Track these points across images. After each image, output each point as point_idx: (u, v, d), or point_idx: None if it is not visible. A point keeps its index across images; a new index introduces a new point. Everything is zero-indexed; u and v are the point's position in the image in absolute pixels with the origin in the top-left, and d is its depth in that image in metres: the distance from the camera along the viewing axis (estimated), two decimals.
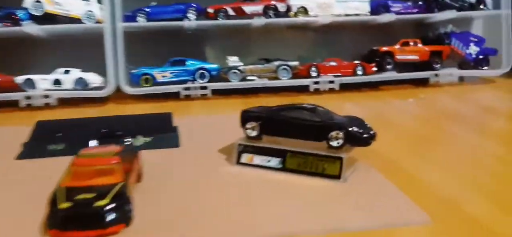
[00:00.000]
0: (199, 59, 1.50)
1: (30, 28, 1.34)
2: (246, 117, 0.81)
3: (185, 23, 1.44)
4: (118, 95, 1.43)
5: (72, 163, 0.66)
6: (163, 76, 1.44)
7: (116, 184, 0.61)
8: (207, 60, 1.54)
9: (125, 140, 0.93)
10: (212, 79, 1.46)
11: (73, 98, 1.39)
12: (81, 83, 1.39)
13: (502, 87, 1.65)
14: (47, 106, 1.37)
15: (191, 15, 1.45)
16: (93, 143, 0.90)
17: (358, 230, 0.58)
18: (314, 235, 0.58)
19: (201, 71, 1.45)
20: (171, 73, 1.44)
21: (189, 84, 1.44)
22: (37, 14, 1.36)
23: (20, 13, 1.35)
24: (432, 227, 0.58)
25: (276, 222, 0.61)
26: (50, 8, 1.35)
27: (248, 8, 1.48)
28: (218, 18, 1.47)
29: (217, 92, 1.47)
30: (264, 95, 1.49)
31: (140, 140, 0.95)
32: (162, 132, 0.99)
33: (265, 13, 1.49)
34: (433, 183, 0.74)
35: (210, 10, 1.48)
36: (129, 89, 1.40)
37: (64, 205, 0.58)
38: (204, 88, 1.44)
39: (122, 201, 0.59)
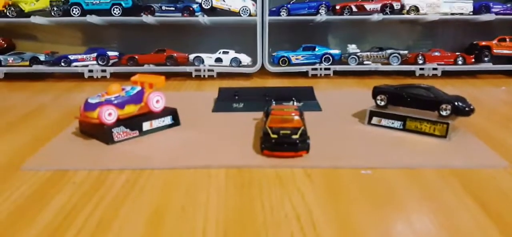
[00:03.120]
0: (325, 46, 1.85)
1: (201, 18, 1.77)
2: (377, 91, 1.13)
3: (317, 17, 1.78)
4: (261, 72, 1.81)
5: (272, 112, 1.03)
6: (297, 59, 1.80)
7: (300, 127, 0.97)
8: (331, 47, 1.87)
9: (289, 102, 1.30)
10: (335, 62, 1.80)
11: (229, 72, 1.80)
12: (236, 61, 1.79)
13: None
14: (210, 77, 1.79)
15: (322, 10, 1.79)
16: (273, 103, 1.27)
17: (457, 168, 0.89)
18: (427, 168, 0.90)
19: (326, 55, 1.79)
20: (303, 56, 1.80)
21: (316, 66, 1.79)
22: (206, 7, 1.77)
23: (194, 6, 1.77)
24: (510, 170, 0.88)
25: (400, 158, 0.93)
26: (217, 4, 1.76)
27: (368, 6, 1.78)
28: (344, 14, 1.79)
29: (338, 73, 1.80)
30: (377, 77, 1.80)
31: (291, 103, 1.30)
32: (307, 99, 1.35)
33: (382, 10, 1.79)
34: None
35: (338, 7, 1.80)
36: (271, 68, 1.79)
37: (274, 136, 0.95)
38: (328, 69, 1.79)
39: (305, 137, 0.95)
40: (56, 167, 0.91)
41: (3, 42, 1.87)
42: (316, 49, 1.80)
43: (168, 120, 1.14)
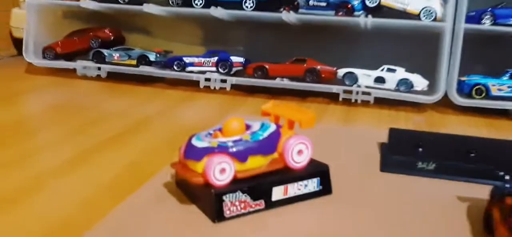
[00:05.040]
0: None
1: (362, 19, 1.30)
2: None
3: None
4: (441, 104, 1.29)
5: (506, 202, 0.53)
6: (499, 89, 1.24)
7: None
8: None
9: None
10: None
11: (393, 99, 1.31)
12: (405, 84, 1.29)
13: None
14: (363, 103, 1.32)
15: None
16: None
17: None
18: None
19: None
20: (509, 87, 1.24)
21: None
22: (371, 5, 1.31)
23: (355, 2, 1.32)
24: None
25: None
26: (388, 1, 1.28)
27: None
28: None
29: None
30: None
31: None
32: None
33: None
34: None
35: None
36: (460, 100, 1.25)
37: None
38: None
39: None
40: None
41: (110, 34, 1.60)
42: None
43: (312, 184, 0.70)
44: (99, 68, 1.52)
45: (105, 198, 0.69)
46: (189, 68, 1.45)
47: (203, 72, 1.44)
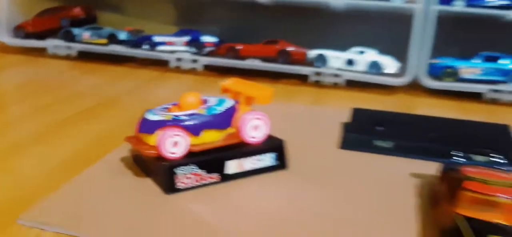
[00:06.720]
0: None
1: (334, 1, 1.32)
2: None
3: (511, 13, 1.24)
4: (412, 87, 1.32)
5: (465, 184, 0.57)
6: (470, 72, 1.28)
7: None
8: None
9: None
10: None
11: (363, 81, 1.34)
12: (375, 67, 1.32)
13: None
14: (335, 86, 1.35)
15: None
16: (457, 155, 0.81)
17: None
18: None
19: None
20: (480, 69, 1.27)
21: (499, 86, 1.25)
22: None
23: None
24: None
25: None
26: None
27: None
28: None
29: None
30: None
31: (478, 158, 0.81)
32: (498, 150, 0.84)
33: None
34: None
35: None
36: (430, 83, 1.28)
37: None
38: None
39: None
40: (70, 230, 0.55)
41: (81, 12, 1.61)
42: (504, 61, 1.26)
43: (268, 159, 0.73)
44: (69, 47, 1.52)
45: (65, 171, 0.71)
46: (160, 48, 1.46)
47: (174, 52, 1.45)
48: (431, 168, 0.73)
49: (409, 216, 0.62)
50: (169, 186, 0.65)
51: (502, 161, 0.78)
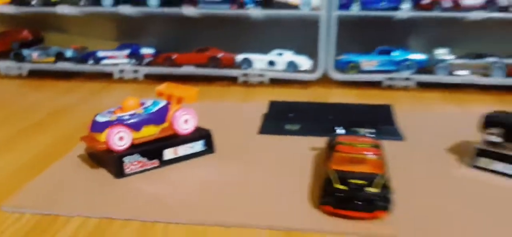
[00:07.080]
0: (406, 49, 1.56)
1: (253, 11, 1.53)
2: (490, 121, 0.85)
3: (398, 13, 1.50)
4: (324, 80, 1.55)
5: (337, 147, 0.78)
6: (369, 65, 1.52)
7: (378, 174, 0.71)
8: (414, 51, 1.57)
9: (353, 130, 1.04)
10: (418, 70, 1.51)
11: (284, 79, 1.56)
12: (292, 66, 1.54)
13: None
14: (260, 84, 1.56)
15: (405, 5, 1.49)
16: (340, 130, 1.03)
17: None
18: None
19: (408, 62, 1.50)
20: (377, 62, 1.52)
21: (393, 75, 1.51)
22: None
23: None
24: None
25: None
26: None
27: (467, 1, 1.48)
28: (434, 10, 1.49)
29: (421, 85, 1.51)
30: (472, 92, 1.48)
31: (362, 131, 1.03)
32: (384, 123, 1.08)
33: (484, 7, 1.47)
34: None
35: (426, 1, 1.49)
36: (337, 76, 1.52)
37: (340, 186, 0.70)
38: (409, 79, 1.50)
39: (388, 191, 0.69)
40: (45, 211, 0.71)
41: (29, 35, 1.74)
42: (395, 54, 1.52)
43: (198, 145, 0.92)
44: (20, 68, 1.65)
45: (32, 169, 0.87)
46: (103, 62, 1.62)
47: (117, 65, 1.61)
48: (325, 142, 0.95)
49: (306, 175, 0.83)
50: (118, 172, 0.82)
51: (372, 131, 1.02)
